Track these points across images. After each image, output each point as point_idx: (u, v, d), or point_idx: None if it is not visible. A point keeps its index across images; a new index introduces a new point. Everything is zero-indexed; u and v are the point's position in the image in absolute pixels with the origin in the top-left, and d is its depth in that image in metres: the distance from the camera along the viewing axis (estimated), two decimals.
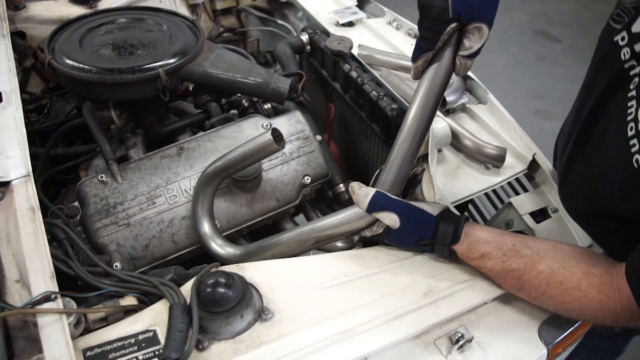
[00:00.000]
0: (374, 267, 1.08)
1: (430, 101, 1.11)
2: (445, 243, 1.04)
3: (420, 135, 1.13)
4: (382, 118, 1.52)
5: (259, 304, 1.00)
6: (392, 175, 1.11)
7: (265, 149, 1.19)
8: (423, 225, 1.05)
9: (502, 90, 3.99)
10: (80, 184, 1.34)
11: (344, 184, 1.60)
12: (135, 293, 1.03)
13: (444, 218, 1.05)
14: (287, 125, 1.49)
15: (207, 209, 1.27)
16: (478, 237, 1.04)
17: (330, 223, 1.12)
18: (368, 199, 1.05)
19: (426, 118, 1.12)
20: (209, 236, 1.25)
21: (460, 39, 1.06)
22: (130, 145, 1.49)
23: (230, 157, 1.23)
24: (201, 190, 1.27)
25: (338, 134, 1.87)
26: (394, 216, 1.04)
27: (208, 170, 1.26)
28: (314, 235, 1.13)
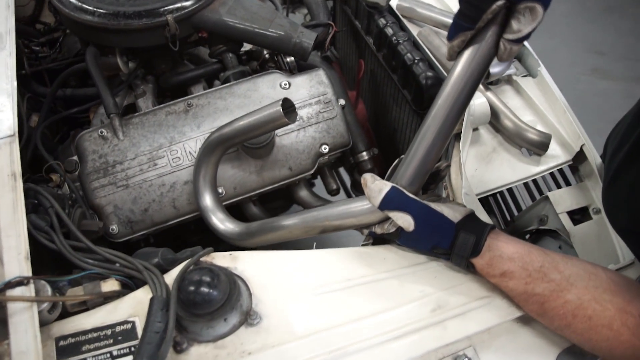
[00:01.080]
0: (380, 271, 0.98)
1: (463, 89, 0.95)
2: (464, 255, 0.92)
3: (448, 127, 0.97)
4: (414, 85, 1.35)
5: (247, 304, 0.92)
6: (413, 169, 0.97)
7: (274, 122, 1.07)
8: (441, 232, 0.92)
9: (557, 42, 3.64)
10: (80, 137, 1.25)
11: (367, 151, 1.46)
12: (119, 276, 0.96)
13: (465, 226, 0.92)
14: (308, 86, 1.34)
15: (209, 179, 1.17)
16: (501, 252, 0.91)
17: (339, 213, 1.01)
18: (382, 195, 0.92)
19: (456, 109, 0.96)
20: (210, 209, 1.16)
21: (508, 19, 0.88)
22: (139, 93, 1.38)
23: (236, 126, 1.12)
24: (203, 159, 1.16)
25: (368, 93, 1.71)
26: (409, 218, 0.91)
27: (211, 138, 1.15)
28: (319, 224, 1.02)
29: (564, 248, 1.25)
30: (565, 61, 2.95)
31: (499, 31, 0.90)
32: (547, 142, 1.26)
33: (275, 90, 1.33)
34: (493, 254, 0.91)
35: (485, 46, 0.92)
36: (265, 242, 1.10)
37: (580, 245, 1.19)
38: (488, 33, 0.90)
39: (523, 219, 1.34)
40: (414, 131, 1.44)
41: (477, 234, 0.91)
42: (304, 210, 1.07)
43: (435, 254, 0.97)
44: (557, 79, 1.38)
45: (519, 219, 1.36)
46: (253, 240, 1.10)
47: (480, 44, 0.92)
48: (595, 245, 1.19)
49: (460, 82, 0.94)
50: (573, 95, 1.36)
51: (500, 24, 0.89)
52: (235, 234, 1.13)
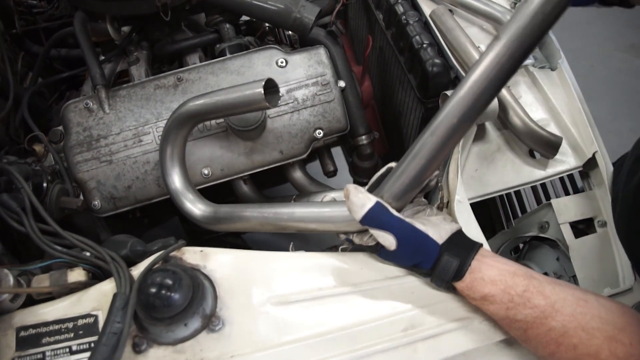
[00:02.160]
0: (354, 282, 0.93)
1: (479, 96, 0.78)
2: (444, 279, 0.87)
3: (450, 144, 0.84)
4: (420, 71, 1.26)
5: (212, 307, 0.89)
6: (402, 184, 0.87)
7: (252, 104, 1.00)
8: (423, 253, 0.87)
9: (592, 14, 3.28)
10: (65, 108, 1.21)
11: (367, 135, 1.38)
12: (86, 265, 0.94)
13: (450, 248, 0.86)
14: (306, 65, 1.26)
15: (177, 156, 1.09)
16: (483, 275, 0.85)
17: (316, 216, 0.95)
18: (364, 210, 0.85)
19: (465, 123, 0.81)
20: (180, 192, 1.08)
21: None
22: (133, 60, 1.32)
23: (209, 101, 1.03)
24: (171, 132, 1.07)
25: (375, 70, 1.61)
26: (391, 238, 0.85)
27: (181, 109, 1.06)
28: (293, 224, 0.97)
29: (561, 260, 1.18)
30: (600, 35, 2.69)
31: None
32: (557, 146, 1.17)
33: (271, 68, 1.25)
34: (474, 277, 0.85)
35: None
36: (234, 230, 1.05)
37: (579, 260, 1.13)
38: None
39: (523, 224, 1.27)
40: (417, 118, 1.36)
41: (461, 257, 0.85)
42: (281, 204, 1.00)
43: (416, 271, 0.92)
44: (590, 54, 1.25)
45: (519, 222, 1.29)
46: (221, 226, 1.04)
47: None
48: (595, 262, 1.12)
49: (478, 86, 0.78)
50: (605, 73, 1.22)
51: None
52: (204, 217, 1.06)
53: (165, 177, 1.08)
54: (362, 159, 1.42)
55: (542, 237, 1.22)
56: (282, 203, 1.00)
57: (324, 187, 1.38)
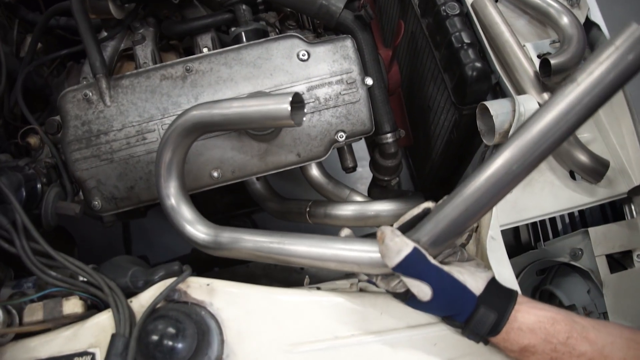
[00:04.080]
0: (373, 330, 0.86)
1: (554, 134, 0.69)
2: (479, 334, 0.79)
3: (508, 187, 0.73)
4: (458, 74, 1.12)
5: (218, 352, 0.82)
6: (443, 230, 0.77)
7: (275, 120, 0.88)
8: (459, 306, 0.78)
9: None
10: (62, 97, 1.10)
11: (392, 133, 1.26)
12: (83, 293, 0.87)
13: (486, 299, 0.78)
14: (330, 59, 1.13)
15: (176, 167, 0.95)
16: (520, 324, 0.77)
17: (338, 255, 0.84)
18: (399, 257, 0.75)
19: (531, 163, 0.71)
20: (174, 208, 0.95)
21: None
22: (138, 39, 1.19)
23: (224, 112, 0.90)
24: (171, 141, 0.93)
25: (405, 55, 1.46)
26: (426, 288, 0.76)
27: (188, 116, 0.92)
28: (308, 262, 0.87)
29: (592, 294, 1.10)
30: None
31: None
32: (604, 171, 1.06)
33: (291, 61, 1.12)
34: (511, 327, 0.77)
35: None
36: (237, 257, 0.93)
37: (612, 296, 1.05)
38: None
39: (554, 247, 1.17)
40: (449, 121, 1.24)
41: (499, 310, 0.77)
42: (295, 236, 0.89)
43: (446, 323, 0.84)
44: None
45: (549, 244, 1.20)
46: (223, 253, 0.92)
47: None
48: (630, 300, 1.04)
49: (550, 129, 0.69)
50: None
51: None
52: (204, 242, 0.93)
53: (160, 191, 0.95)
54: (385, 157, 1.31)
55: (573, 264, 1.14)
56: (296, 235, 0.88)
57: (342, 187, 1.29)
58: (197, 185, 1.12)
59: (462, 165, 1.37)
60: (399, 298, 0.83)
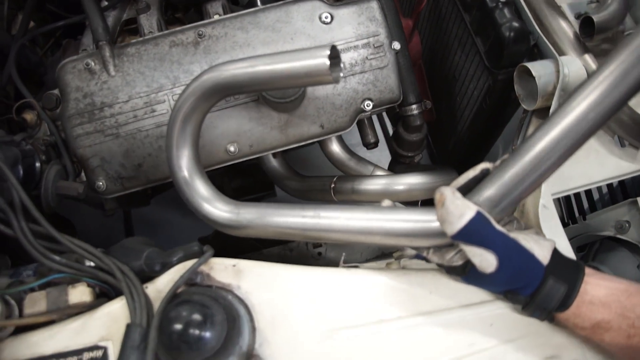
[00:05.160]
0: (422, 311, 0.76)
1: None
2: (547, 308, 0.69)
3: (579, 141, 0.66)
4: (493, 36, 1.03)
5: (249, 342, 0.72)
6: (506, 191, 0.68)
7: (313, 77, 0.76)
8: (526, 277, 0.69)
9: None
10: (61, 68, 0.99)
11: (417, 105, 1.17)
12: (91, 279, 0.76)
13: (555, 270, 0.69)
14: (355, 22, 1.03)
15: (191, 134, 0.83)
16: (592, 297, 0.68)
17: (383, 226, 0.74)
18: (462, 222, 0.66)
19: (603, 114, 0.64)
20: (187, 181, 0.83)
21: None
22: (142, 7, 1.08)
23: (250, 71, 0.78)
24: (186, 106, 0.81)
25: (426, 24, 1.37)
26: (491, 257, 0.66)
27: (207, 77, 0.79)
28: (348, 236, 0.76)
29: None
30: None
31: None
32: None
33: (313, 24, 1.02)
34: (581, 300, 0.69)
35: None
36: (262, 236, 0.82)
37: None
38: None
39: (596, 220, 1.09)
40: (480, 89, 1.15)
41: (569, 282, 0.68)
42: (331, 206, 0.78)
43: (508, 298, 0.74)
44: None
45: (592, 218, 1.11)
46: (247, 232, 0.81)
47: None
48: None
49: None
50: None
51: None
52: (225, 220, 0.81)
53: (172, 162, 0.83)
54: (409, 131, 1.22)
55: (619, 238, 1.05)
56: (332, 206, 0.78)
57: (365, 163, 1.19)
58: (212, 162, 1.03)
59: (491, 139, 1.28)
60: (454, 273, 0.73)
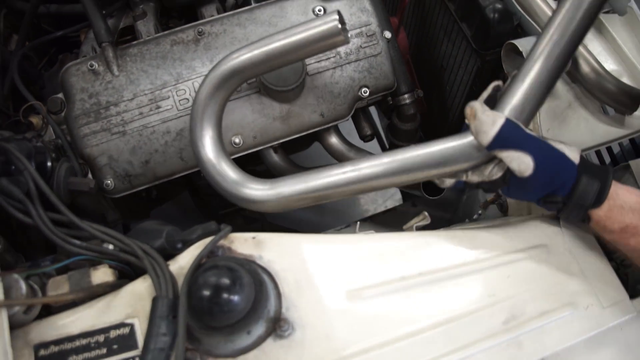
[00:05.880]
0: (441, 268, 0.78)
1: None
2: (584, 205, 0.74)
3: (581, 31, 0.73)
4: (478, 19, 1.09)
5: (276, 308, 0.73)
6: (528, 98, 0.73)
7: (325, 40, 0.82)
8: (561, 177, 0.73)
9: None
10: (65, 71, 1.01)
11: (410, 94, 1.22)
12: (112, 261, 0.77)
13: (586, 168, 0.73)
14: (347, 13, 1.08)
15: (215, 120, 0.86)
16: (622, 202, 0.73)
17: (421, 159, 0.75)
18: (495, 128, 0.70)
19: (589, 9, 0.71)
20: (215, 165, 0.84)
21: None
22: (139, 14, 1.12)
23: (265, 49, 0.82)
24: (210, 93, 0.84)
25: (411, 20, 1.43)
26: (528, 159, 0.70)
27: (226, 64, 0.83)
28: (391, 180, 0.78)
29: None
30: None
31: None
32: (638, 100, 1.02)
33: (307, 17, 1.07)
34: (613, 204, 0.73)
35: None
36: (302, 205, 0.83)
37: None
38: None
39: None
40: (470, 72, 1.20)
41: (601, 179, 0.73)
42: (361, 159, 0.80)
43: (546, 204, 0.77)
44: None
45: None
46: (288, 204, 0.82)
47: None
48: None
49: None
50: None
51: None
52: (265, 198, 0.82)
53: (197, 141, 0.85)
54: (404, 120, 1.26)
55: None
56: (366, 157, 0.80)
57: (365, 153, 1.22)
58: None
59: None
60: (495, 186, 0.77)
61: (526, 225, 0.88)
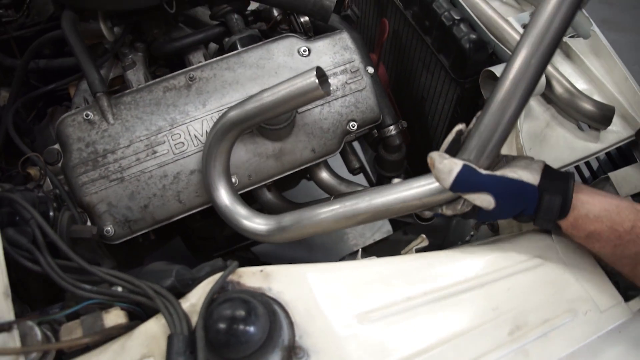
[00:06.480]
0: (443, 286, 0.81)
1: (552, 31, 0.76)
2: (551, 219, 0.81)
3: (531, 83, 0.79)
4: (455, 50, 1.15)
5: (289, 336, 0.74)
6: (485, 141, 0.80)
7: (306, 94, 0.90)
8: (524, 201, 0.80)
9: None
10: (61, 122, 1.04)
11: (395, 125, 1.27)
12: (124, 304, 0.78)
13: (547, 186, 0.80)
14: (331, 52, 1.14)
15: (223, 170, 0.99)
16: (587, 211, 0.80)
17: (398, 197, 0.86)
18: (452, 176, 0.77)
19: (541, 57, 0.77)
20: (230, 208, 0.98)
21: None
22: (128, 64, 1.16)
23: (256, 104, 0.93)
24: (216, 145, 0.97)
25: (389, 55, 1.50)
26: (487, 197, 0.78)
27: (224, 120, 0.95)
28: (373, 213, 0.87)
29: None
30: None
31: None
32: (611, 116, 1.09)
33: (293, 58, 1.12)
34: (578, 214, 0.80)
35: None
36: (301, 237, 0.94)
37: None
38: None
39: None
40: (450, 101, 1.25)
41: (562, 193, 0.80)
42: (347, 196, 0.91)
43: (519, 220, 0.86)
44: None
45: None
46: (287, 236, 0.94)
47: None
48: None
49: (547, 24, 0.75)
50: None
51: None
52: (266, 231, 0.96)
53: (212, 193, 0.99)
54: (390, 151, 1.30)
55: None
56: (350, 196, 0.90)
57: (355, 185, 1.26)
58: None
59: None
60: (469, 217, 0.85)
61: (520, 240, 0.92)
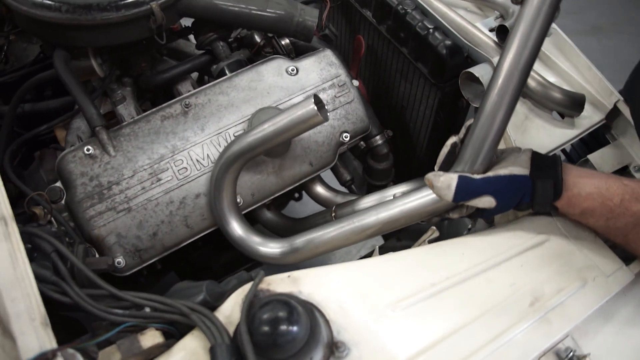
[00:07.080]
0: (463, 269, 0.85)
1: (532, 41, 0.85)
2: (547, 202, 0.89)
3: (516, 92, 0.87)
4: (432, 57, 1.22)
5: (327, 334, 0.77)
6: (478, 150, 0.88)
7: (306, 122, 0.95)
8: (520, 192, 0.87)
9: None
10: (62, 160, 1.04)
11: (381, 135, 1.32)
12: (158, 324, 0.79)
13: (538, 174, 0.88)
14: (318, 68, 1.19)
15: (232, 201, 1.04)
16: (579, 190, 0.88)
17: (404, 210, 0.92)
18: (452, 190, 0.84)
19: (524, 66, 0.86)
20: (244, 237, 1.03)
21: None
22: (118, 99, 1.17)
23: (257, 136, 0.97)
24: (222, 178, 1.01)
25: (365, 70, 1.57)
26: (488, 199, 0.85)
27: (228, 153, 0.99)
28: (382, 227, 0.92)
29: None
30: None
31: None
32: (582, 102, 1.17)
33: (282, 77, 1.16)
34: (571, 193, 0.88)
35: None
36: (313, 256, 0.98)
37: None
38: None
39: None
40: (430, 106, 1.32)
41: (552, 177, 0.87)
42: (356, 214, 0.95)
43: (519, 208, 0.92)
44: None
45: None
46: (300, 256, 0.98)
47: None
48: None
49: (528, 33, 0.85)
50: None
51: None
52: (280, 254, 1.00)
53: (225, 226, 1.04)
54: (379, 161, 1.36)
55: None
56: (359, 213, 0.95)
57: (351, 196, 1.30)
58: None
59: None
60: (476, 217, 0.93)
61: (523, 222, 0.97)
